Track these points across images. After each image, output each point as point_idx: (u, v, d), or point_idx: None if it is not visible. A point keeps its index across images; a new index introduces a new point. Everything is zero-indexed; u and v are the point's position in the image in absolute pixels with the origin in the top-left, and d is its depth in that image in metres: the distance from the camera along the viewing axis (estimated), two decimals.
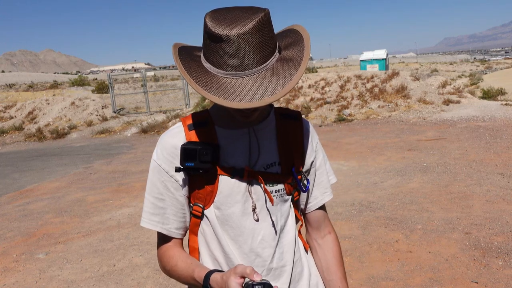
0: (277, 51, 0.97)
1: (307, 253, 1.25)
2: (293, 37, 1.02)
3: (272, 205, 1.10)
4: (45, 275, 4.00)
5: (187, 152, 1.03)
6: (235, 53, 0.90)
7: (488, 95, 14.27)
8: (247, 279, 0.91)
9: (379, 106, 12.96)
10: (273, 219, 1.12)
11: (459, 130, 9.38)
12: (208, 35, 0.92)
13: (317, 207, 1.23)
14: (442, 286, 3.17)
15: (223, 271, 0.97)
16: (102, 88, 23.62)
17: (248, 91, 0.91)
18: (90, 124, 15.90)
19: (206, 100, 15.21)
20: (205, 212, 1.10)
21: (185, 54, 1.01)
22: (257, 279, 0.89)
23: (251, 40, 0.90)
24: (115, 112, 17.05)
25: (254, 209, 1.10)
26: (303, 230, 1.26)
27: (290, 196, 1.16)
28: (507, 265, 3.37)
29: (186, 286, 1.19)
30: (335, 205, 5.11)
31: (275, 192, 1.11)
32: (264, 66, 0.93)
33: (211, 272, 0.99)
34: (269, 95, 0.90)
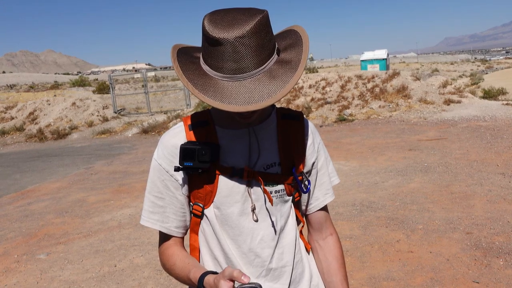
0: (275, 53, 0.97)
1: (308, 254, 1.24)
2: (292, 38, 1.02)
3: (272, 205, 1.10)
4: (46, 275, 4.01)
5: (186, 151, 1.04)
6: (232, 56, 0.90)
7: (489, 95, 14.26)
8: (237, 282, 0.91)
9: (379, 106, 12.95)
10: (273, 219, 1.12)
11: (460, 130, 9.38)
12: (206, 37, 0.92)
13: (318, 208, 1.22)
14: (443, 286, 3.16)
15: (217, 273, 0.98)
16: (103, 88, 23.62)
17: (245, 94, 0.91)
18: (91, 124, 15.91)
19: None
20: (205, 211, 1.11)
21: (184, 56, 1.01)
22: (245, 281, 0.89)
23: (248, 43, 0.89)
24: (116, 113, 17.05)
25: (253, 210, 1.10)
26: (305, 231, 1.26)
27: (291, 197, 1.15)
28: (509, 265, 3.37)
29: (187, 287, 1.19)
30: (336, 205, 5.11)
31: (275, 193, 1.11)
32: (262, 69, 0.93)
33: (205, 273, 0.99)
34: (265, 99, 0.90)
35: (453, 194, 5.17)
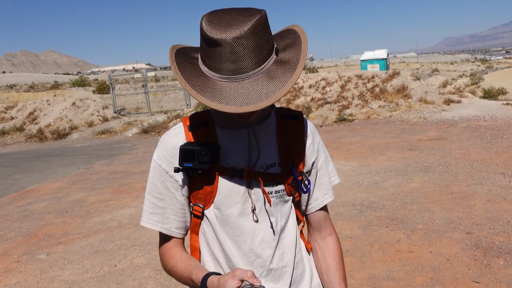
0: (274, 53, 0.97)
1: (309, 254, 1.24)
2: (291, 38, 1.02)
3: (270, 206, 1.10)
4: (46, 275, 4.01)
5: (185, 152, 1.04)
6: (230, 57, 0.90)
7: (489, 94, 14.27)
8: (244, 283, 0.90)
9: (379, 106, 12.95)
10: (273, 220, 1.12)
11: (460, 129, 9.38)
12: (204, 38, 0.92)
13: (318, 208, 1.22)
14: (443, 286, 3.16)
15: (221, 274, 0.97)
16: (103, 88, 23.62)
17: (243, 95, 0.90)
18: (91, 124, 15.91)
19: None
20: (205, 212, 1.11)
21: (183, 56, 1.00)
22: (256, 284, 0.89)
23: (246, 43, 0.89)
24: (116, 113, 17.05)
25: (253, 210, 1.10)
26: (305, 231, 1.26)
27: (291, 197, 1.15)
28: (509, 265, 3.37)
29: (187, 287, 1.19)
30: (336, 205, 5.11)
31: (275, 193, 1.11)
32: (260, 70, 0.92)
33: (208, 274, 0.99)
34: (263, 99, 0.90)
35: (453, 194, 5.17)
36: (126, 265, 4.06)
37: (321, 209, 1.23)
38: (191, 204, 1.13)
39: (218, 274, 0.98)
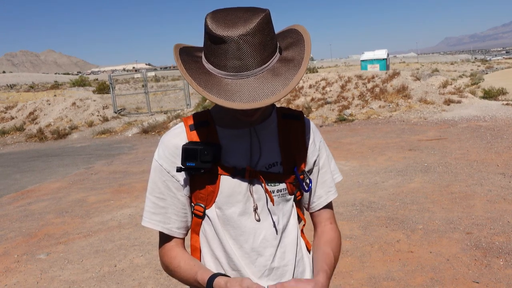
0: (277, 51, 0.98)
1: (309, 253, 1.24)
2: (293, 37, 1.03)
3: (273, 205, 1.10)
4: (46, 275, 4.01)
5: (188, 152, 1.04)
6: (236, 54, 0.90)
7: (489, 95, 14.27)
8: None
9: (380, 106, 12.95)
10: (275, 219, 1.12)
11: (460, 130, 9.38)
12: (209, 36, 0.93)
13: (322, 206, 1.22)
14: (443, 286, 3.16)
15: (227, 275, 0.98)
16: (103, 88, 23.64)
17: (249, 92, 0.91)
18: (91, 124, 15.91)
19: (207, 101, 15.22)
20: (207, 211, 1.11)
21: (186, 55, 1.01)
22: None
23: (252, 41, 0.90)
24: (116, 113, 17.05)
25: (255, 209, 1.10)
26: (306, 230, 1.26)
27: (293, 196, 1.16)
28: (508, 265, 3.37)
29: (187, 287, 1.19)
30: (336, 205, 5.11)
31: (277, 192, 1.11)
32: (265, 67, 0.93)
33: (214, 275, 0.99)
34: (269, 96, 0.91)
35: (453, 194, 5.17)
36: (126, 265, 4.06)
37: (326, 206, 1.23)
38: (192, 204, 1.13)
39: (224, 275, 0.98)
